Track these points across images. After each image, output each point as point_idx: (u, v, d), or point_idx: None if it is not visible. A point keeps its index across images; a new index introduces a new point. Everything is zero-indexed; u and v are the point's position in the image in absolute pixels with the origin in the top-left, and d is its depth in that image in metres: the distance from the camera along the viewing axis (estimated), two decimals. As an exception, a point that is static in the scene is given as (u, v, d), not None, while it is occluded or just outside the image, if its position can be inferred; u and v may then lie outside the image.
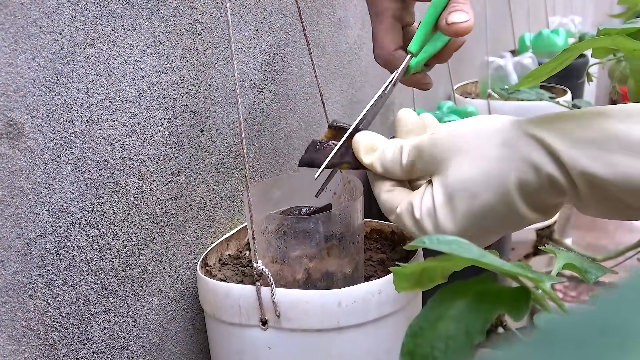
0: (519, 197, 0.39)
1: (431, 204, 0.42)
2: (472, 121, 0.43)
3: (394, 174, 0.46)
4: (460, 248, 0.28)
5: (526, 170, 0.39)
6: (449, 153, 0.42)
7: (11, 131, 0.46)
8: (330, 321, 0.54)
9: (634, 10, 0.93)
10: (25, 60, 0.46)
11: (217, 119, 0.68)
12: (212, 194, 0.69)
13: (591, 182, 0.37)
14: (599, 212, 0.40)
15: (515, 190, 0.39)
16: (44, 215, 0.49)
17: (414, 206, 0.44)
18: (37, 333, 0.49)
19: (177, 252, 0.64)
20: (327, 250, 0.56)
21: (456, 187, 0.41)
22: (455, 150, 0.41)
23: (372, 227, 0.72)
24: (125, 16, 0.55)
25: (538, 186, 0.39)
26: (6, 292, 0.47)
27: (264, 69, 0.76)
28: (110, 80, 0.54)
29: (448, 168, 0.42)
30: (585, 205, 0.39)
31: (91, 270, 0.54)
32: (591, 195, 0.38)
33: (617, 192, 0.37)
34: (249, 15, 0.72)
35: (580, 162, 0.37)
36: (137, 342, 0.60)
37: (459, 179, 0.41)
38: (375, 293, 0.55)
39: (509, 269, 0.28)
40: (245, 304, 0.56)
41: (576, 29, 2.06)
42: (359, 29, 0.99)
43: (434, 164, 0.43)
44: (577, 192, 0.38)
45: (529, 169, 0.39)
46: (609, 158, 0.36)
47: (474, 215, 0.41)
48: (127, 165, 0.56)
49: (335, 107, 0.94)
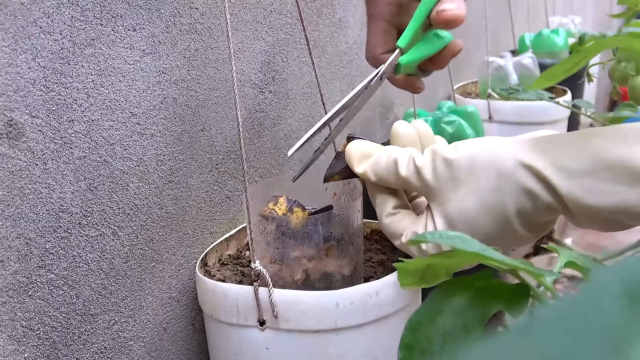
0: (518, 223, 0.41)
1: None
2: (469, 148, 0.43)
3: (389, 182, 0.46)
4: (462, 242, 0.28)
5: (524, 200, 0.40)
6: (447, 183, 0.42)
7: (11, 131, 0.46)
8: (328, 322, 0.54)
9: (634, 10, 0.93)
10: (25, 60, 0.46)
11: (217, 119, 0.68)
12: (212, 194, 0.69)
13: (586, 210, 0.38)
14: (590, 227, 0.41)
15: (514, 218, 0.41)
16: (44, 215, 0.49)
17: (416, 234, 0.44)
18: (37, 333, 0.49)
19: (177, 252, 0.64)
20: (326, 251, 0.56)
21: (456, 217, 0.42)
22: (453, 181, 0.42)
23: (372, 228, 0.72)
24: (125, 16, 0.55)
25: (535, 212, 0.40)
26: (6, 292, 0.47)
27: (264, 69, 0.76)
28: (110, 80, 0.54)
29: (447, 200, 0.42)
30: (577, 222, 0.41)
31: (91, 270, 0.54)
32: (585, 217, 0.39)
33: (611, 216, 0.38)
34: (249, 15, 0.72)
35: (576, 194, 0.38)
36: (137, 342, 0.60)
37: (459, 210, 0.42)
38: (373, 294, 0.55)
39: (511, 263, 0.28)
40: (243, 304, 0.56)
41: (576, 29, 2.06)
42: (359, 29, 0.99)
43: (432, 192, 0.43)
44: (572, 214, 0.40)
45: (527, 199, 0.40)
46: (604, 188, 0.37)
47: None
48: (127, 165, 0.56)
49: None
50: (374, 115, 1.09)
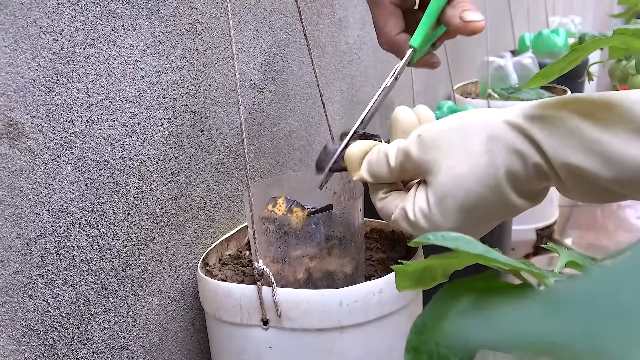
0: (509, 187, 0.41)
1: (424, 204, 0.44)
2: (457, 119, 0.43)
3: (384, 178, 0.47)
4: (465, 244, 0.28)
5: (514, 161, 0.40)
6: (437, 154, 0.43)
7: (11, 131, 0.46)
8: (331, 321, 0.54)
9: (634, 10, 0.93)
10: (25, 60, 0.46)
11: (217, 119, 0.68)
12: (212, 194, 0.69)
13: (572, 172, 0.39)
14: (580, 197, 0.42)
15: (505, 181, 0.41)
16: (44, 215, 0.49)
17: (407, 210, 0.45)
18: (37, 333, 0.49)
19: (177, 252, 0.64)
20: (328, 250, 0.56)
21: (448, 185, 0.42)
22: (443, 151, 0.43)
23: (372, 226, 0.72)
24: (125, 16, 0.55)
25: (526, 175, 0.41)
26: (6, 292, 0.47)
27: (264, 69, 0.76)
28: (110, 80, 0.54)
29: (439, 169, 0.43)
30: (567, 189, 0.42)
31: (91, 270, 0.54)
32: (572, 182, 0.40)
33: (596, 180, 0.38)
34: (249, 15, 0.72)
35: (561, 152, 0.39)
36: (137, 342, 0.60)
37: (451, 178, 0.42)
38: (376, 292, 0.55)
39: (513, 264, 0.28)
40: (246, 303, 0.56)
41: (576, 29, 2.06)
42: (359, 29, 0.99)
43: (423, 166, 0.44)
44: (560, 179, 0.40)
45: (517, 160, 0.40)
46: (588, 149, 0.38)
47: (467, 210, 0.42)
48: (127, 165, 0.56)
49: (335, 107, 0.94)
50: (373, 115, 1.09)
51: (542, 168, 0.40)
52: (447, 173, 0.42)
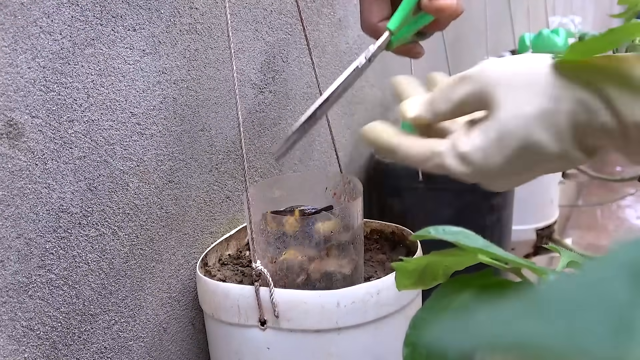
0: (571, 138, 0.40)
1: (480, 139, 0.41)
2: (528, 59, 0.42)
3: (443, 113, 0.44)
4: (466, 238, 0.28)
5: (582, 115, 0.39)
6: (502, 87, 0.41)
7: (11, 131, 0.46)
8: (329, 322, 0.54)
9: (634, 11, 0.93)
10: (25, 60, 0.46)
11: (217, 119, 0.68)
12: (212, 194, 0.69)
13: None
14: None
15: (568, 132, 0.40)
16: (44, 215, 0.49)
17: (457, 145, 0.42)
18: (37, 333, 0.49)
19: (177, 252, 0.64)
20: (327, 251, 0.56)
21: (511, 123, 0.40)
22: (509, 85, 0.41)
23: (372, 227, 0.72)
24: (125, 16, 0.55)
25: (591, 130, 0.39)
26: (6, 292, 0.47)
27: (264, 69, 0.76)
28: (110, 80, 0.54)
29: (504, 103, 0.41)
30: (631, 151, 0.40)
31: (91, 270, 0.54)
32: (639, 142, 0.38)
33: None
34: (249, 15, 0.72)
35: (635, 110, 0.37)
36: (137, 342, 0.60)
37: (515, 116, 0.40)
38: (374, 294, 0.55)
39: (514, 260, 0.28)
40: (244, 304, 0.56)
41: (576, 29, 2.06)
42: (359, 29, 0.99)
43: (484, 97, 0.42)
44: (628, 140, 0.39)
45: (585, 114, 0.39)
46: None
47: (525, 152, 0.41)
48: (127, 165, 0.56)
49: (335, 107, 0.94)
50: (373, 115, 1.09)
51: (610, 126, 0.39)
52: (512, 110, 0.40)
